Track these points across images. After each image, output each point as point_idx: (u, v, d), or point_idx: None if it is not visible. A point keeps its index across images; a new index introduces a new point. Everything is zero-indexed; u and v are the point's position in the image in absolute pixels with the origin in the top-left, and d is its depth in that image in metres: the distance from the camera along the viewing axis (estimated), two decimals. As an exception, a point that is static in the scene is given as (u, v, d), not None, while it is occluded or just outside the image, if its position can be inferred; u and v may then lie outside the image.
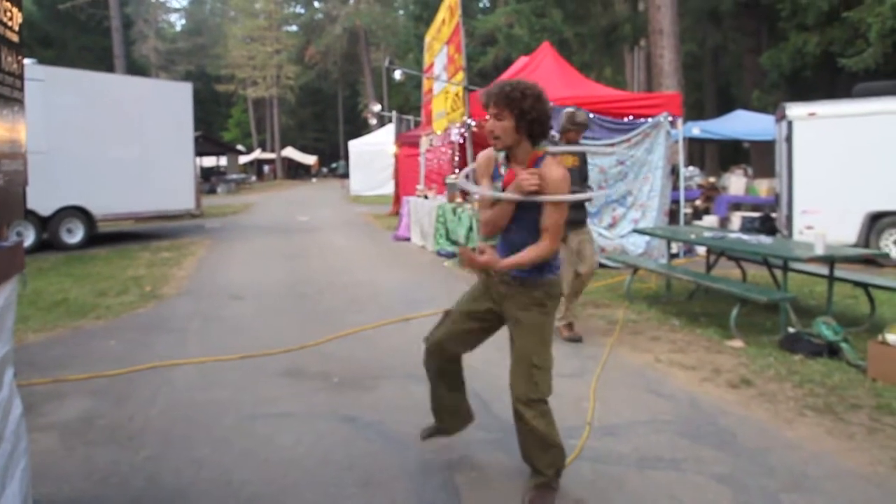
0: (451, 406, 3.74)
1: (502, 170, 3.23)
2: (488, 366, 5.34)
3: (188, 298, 8.58)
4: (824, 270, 6.56)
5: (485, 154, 3.34)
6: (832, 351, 5.46)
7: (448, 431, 3.80)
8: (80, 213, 13.96)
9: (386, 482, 3.52)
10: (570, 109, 6.46)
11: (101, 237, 15.03)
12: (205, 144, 37.33)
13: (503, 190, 3.17)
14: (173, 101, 15.94)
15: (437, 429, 3.80)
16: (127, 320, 7.40)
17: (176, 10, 68.11)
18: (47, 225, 13.54)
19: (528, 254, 3.09)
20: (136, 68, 44.42)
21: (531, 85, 3.10)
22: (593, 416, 4.31)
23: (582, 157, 6.37)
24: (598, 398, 4.65)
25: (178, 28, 67.62)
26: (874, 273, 8.58)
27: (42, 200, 13.22)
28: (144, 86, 17.01)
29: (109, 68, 29.82)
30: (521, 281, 3.21)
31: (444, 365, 3.60)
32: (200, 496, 3.42)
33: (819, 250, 5.98)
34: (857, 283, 6.77)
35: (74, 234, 13.90)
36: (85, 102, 13.89)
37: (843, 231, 10.05)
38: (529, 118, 3.05)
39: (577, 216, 6.07)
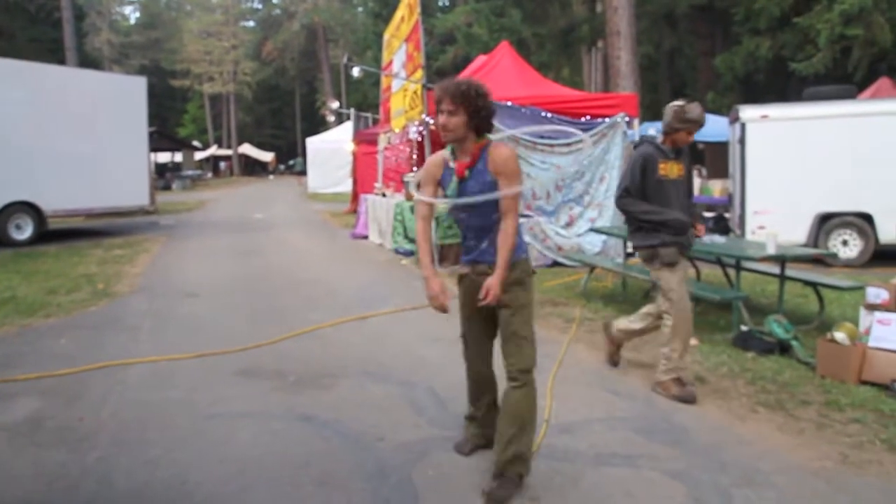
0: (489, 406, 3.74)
1: (451, 164, 3.38)
2: (445, 363, 5.36)
3: (142, 296, 8.42)
4: (776, 270, 6.70)
5: (431, 163, 3.50)
6: (783, 349, 5.58)
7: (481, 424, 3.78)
8: (29, 208, 13.60)
9: (343, 481, 3.50)
10: (678, 104, 4.78)
11: (52, 234, 14.67)
12: (160, 140, 36.67)
13: (459, 180, 3.34)
14: (127, 95, 15.63)
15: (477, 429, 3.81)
16: (78, 319, 7.23)
17: (130, 3, 66.84)
18: (-6, 221, 13.17)
19: (507, 243, 3.24)
20: (89, 61, 43.44)
21: (481, 84, 3.34)
22: (550, 414, 4.33)
23: (688, 168, 5.02)
24: (554, 396, 4.68)
25: (133, 21, 66.41)
26: (823, 272, 8.80)
27: (-11, 195, 12.90)
28: (97, 79, 16.62)
29: (61, 61, 29.10)
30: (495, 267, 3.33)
31: (486, 374, 3.70)
32: (154, 498, 3.36)
33: (771, 250, 6.11)
34: (806, 283, 6.93)
35: (23, 230, 13.53)
36: (34, 96, 13.55)
37: (793, 231, 10.28)
38: (482, 115, 3.28)
39: (685, 240, 4.88)
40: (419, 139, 11.77)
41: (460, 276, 3.61)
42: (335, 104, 32.80)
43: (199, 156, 52.37)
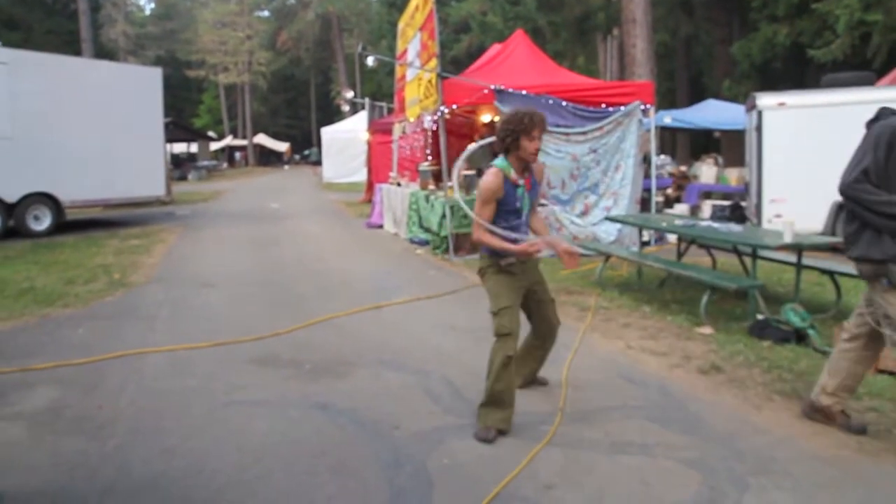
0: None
1: (517, 179, 3.97)
2: (460, 352, 5.37)
3: (158, 286, 8.48)
4: (792, 258, 6.65)
5: (494, 183, 3.95)
6: (800, 337, 5.55)
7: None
8: (48, 199, 13.72)
9: (358, 469, 3.52)
10: None
11: (69, 224, 14.81)
12: (175, 131, 36.88)
13: (527, 190, 4.04)
14: (143, 86, 15.70)
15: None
16: (95, 308, 7.30)
17: (145, -6, 66.99)
18: (13, 212, 13.29)
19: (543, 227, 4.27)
20: (105, 53, 43.68)
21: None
22: (565, 403, 4.34)
23: None
24: (569, 384, 4.68)
25: (148, 12, 66.48)
26: (840, 261, 8.69)
27: (8, 187, 13.02)
28: (113, 70, 16.70)
29: (77, 52, 29.27)
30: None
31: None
32: (171, 485, 3.39)
33: (787, 238, 6.06)
34: (823, 271, 6.88)
35: (41, 221, 13.66)
36: (52, 87, 13.63)
37: (811, 220, 10.18)
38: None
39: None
40: (434, 128, 11.75)
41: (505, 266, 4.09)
42: (350, 94, 32.84)
43: (214, 146, 52.58)
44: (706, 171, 15.80)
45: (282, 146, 60.26)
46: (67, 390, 4.72)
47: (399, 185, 13.93)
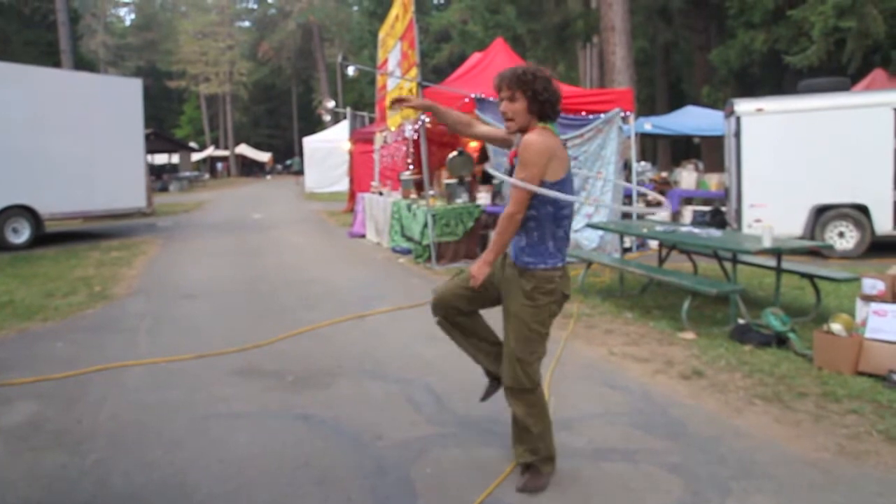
0: (483, 350, 3.62)
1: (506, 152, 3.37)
2: (442, 361, 5.36)
3: (139, 298, 8.42)
4: (772, 262, 6.70)
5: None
6: (780, 341, 5.59)
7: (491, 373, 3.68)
8: (26, 212, 13.58)
9: (341, 480, 3.50)
10: None
11: (49, 237, 14.66)
12: (156, 142, 36.66)
13: (510, 167, 3.31)
14: (123, 97, 15.61)
15: (489, 380, 3.72)
16: (75, 321, 7.23)
17: (125, 5, 66.69)
18: (-9, 225, 13.15)
19: (497, 227, 3.18)
20: (84, 64, 43.25)
21: (542, 69, 3.22)
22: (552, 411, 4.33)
23: None
24: (552, 392, 4.68)
25: (128, 23, 66.32)
26: (819, 265, 8.80)
27: (-15, 199, 12.88)
28: (93, 82, 16.58)
29: (56, 64, 28.99)
30: (517, 268, 3.23)
31: (451, 317, 3.55)
32: (153, 499, 3.36)
33: (767, 243, 6.12)
34: (803, 275, 6.94)
35: (20, 233, 13.51)
36: (30, 98, 13.53)
37: (790, 224, 10.29)
38: (541, 99, 3.14)
39: None
40: (415, 137, 11.76)
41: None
42: (331, 103, 32.76)
43: (196, 157, 52.29)
44: (686, 177, 15.90)
45: (264, 156, 60.08)
46: (46, 405, 4.66)
47: (381, 194, 13.92)
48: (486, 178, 12.02)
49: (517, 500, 3.27)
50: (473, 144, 13.01)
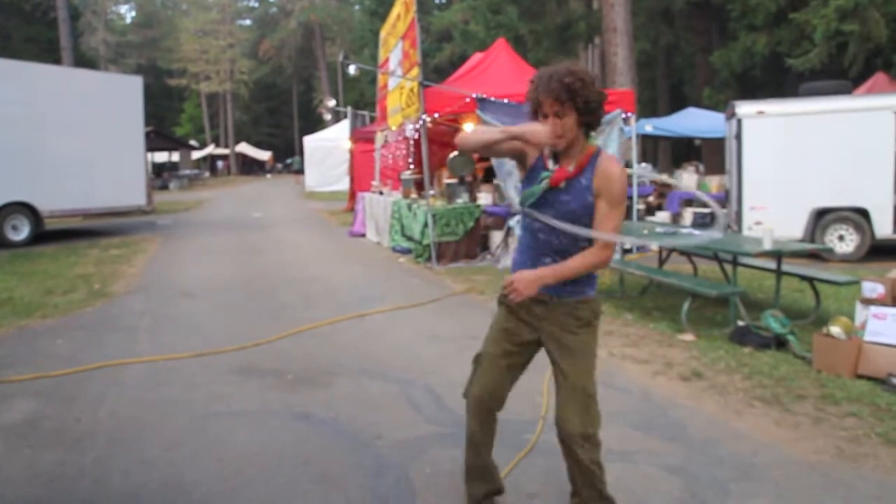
0: (482, 467, 3.09)
1: (550, 164, 2.73)
2: (442, 360, 5.36)
3: (139, 296, 8.41)
4: (772, 265, 6.70)
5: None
6: (780, 343, 5.59)
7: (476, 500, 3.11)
8: (26, 209, 13.57)
9: (340, 479, 3.50)
10: None
11: (49, 234, 14.66)
12: (156, 140, 36.61)
13: (551, 189, 2.70)
14: (123, 95, 15.60)
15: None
16: (75, 319, 7.22)
17: (126, 2, 66.65)
18: (-9, 221, 13.15)
19: (582, 260, 2.67)
20: (85, 61, 43.32)
21: (583, 70, 2.66)
22: (547, 411, 4.34)
23: None
24: (551, 392, 4.67)
25: (129, 20, 66.20)
26: (819, 267, 8.80)
27: (-16, 196, 12.87)
28: (93, 79, 16.59)
29: (56, 61, 28.98)
30: (563, 299, 2.79)
31: (485, 418, 3.00)
32: (152, 497, 3.36)
33: (767, 245, 6.12)
34: (803, 277, 6.94)
35: (20, 231, 13.50)
36: (30, 95, 13.53)
37: (790, 227, 10.28)
38: (592, 107, 2.62)
39: None
40: (416, 137, 11.76)
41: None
42: (332, 102, 32.73)
43: (196, 155, 52.30)
44: (687, 179, 15.91)
45: (264, 155, 60.10)
46: (45, 402, 4.66)
47: (381, 193, 13.93)
48: (487, 178, 12.02)
49: (516, 500, 3.27)
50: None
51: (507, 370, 2.94)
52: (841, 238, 10.54)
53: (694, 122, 17.54)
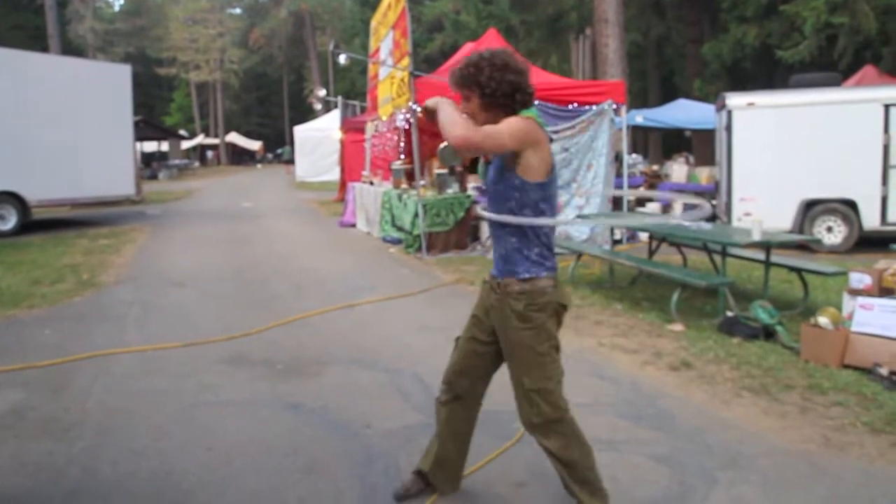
0: (448, 458, 3.16)
1: None
2: (431, 350, 5.36)
3: (128, 286, 8.38)
4: (761, 256, 6.73)
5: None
6: (768, 334, 5.62)
7: (434, 488, 3.20)
8: (13, 198, 13.46)
9: (330, 468, 3.51)
10: None
11: (36, 224, 14.55)
12: (146, 129, 36.41)
13: (486, 163, 2.94)
14: (111, 83, 15.48)
15: (412, 485, 3.21)
16: (63, 309, 7.19)
17: (114, -10, 66.01)
18: (-23, 211, 13.05)
19: (449, 114, 2.66)
20: (72, 49, 43.00)
21: (490, 54, 2.78)
22: (537, 400, 4.35)
23: None
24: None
25: (117, 8, 65.53)
26: (808, 258, 8.85)
27: (-29, 185, 12.77)
28: (81, 67, 16.43)
29: (44, 49, 28.76)
30: (501, 284, 2.81)
31: (454, 406, 3.10)
32: (140, 487, 3.35)
33: (756, 236, 6.14)
34: (791, 268, 6.98)
35: (7, 220, 13.39)
36: (17, 83, 13.40)
37: (779, 218, 10.31)
38: (492, 89, 2.70)
39: None
40: (406, 127, 11.73)
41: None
42: (322, 92, 32.63)
43: (185, 145, 52.02)
44: (677, 170, 15.95)
45: (254, 145, 59.83)
46: (33, 392, 4.64)
47: (372, 183, 13.90)
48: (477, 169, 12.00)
49: (505, 488, 3.29)
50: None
51: (477, 356, 2.99)
52: (829, 229, 10.59)
53: (684, 113, 17.57)
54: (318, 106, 36.22)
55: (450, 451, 3.14)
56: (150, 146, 46.27)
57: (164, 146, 47.23)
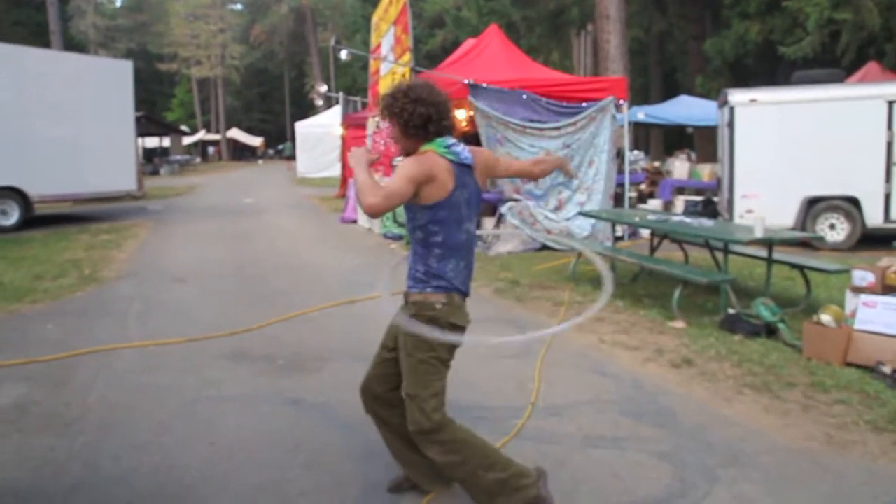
0: (410, 460, 3.18)
1: None
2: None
3: (129, 281, 8.38)
4: (763, 253, 6.72)
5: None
6: (770, 331, 5.61)
7: (419, 486, 3.24)
8: (15, 193, 13.45)
9: (331, 463, 3.51)
10: None
11: (38, 219, 14.54)
12: (147, 125, 36.31)
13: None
14: (113, 79, 15.45)
15: (404, 479, 3.27)
16: (65, 304, 7.19)
17: (116, -14, 65.96)
18: (-21, 206, 13.05)
19: (362, 179, 2.81)
20: (74, 45, 43.01)
21: (406, 87, 2.96)
22: (538, 397, 4.35)
23: None
24: (542, 379, 4.69)
25: (119, 4, 65.44)
26: (810, 256, 8.83)
27: (-27, 181, 12.77)
28: (82, 63, 16.42)
29: (45, 44, 28.74)
30: (405, 294, 3.03)
31: (379, 410, 3.18)
32: (141, 482, 3.36)
33: (758, 233, 6.13)
34: (794, 266, 6.96)
35: (9, 215, 13.39)
36: (19, 79, 13.39)
37: (781, 215, 10.30)
38: (403, 120, 2.88)
39: None
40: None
41: None
42: (324, 88, 32.61)
43: (187, 140, 51.94)
44: (679, 167, 15.92)
45: (256, 141, 59.76)
46: (35, 387, 4.64)
47: (373, 179, 13.86)
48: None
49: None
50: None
51: (384, 363, 3.11)
52: (832, 227, 10.57)
53: (686, 109, 17.53)
54: (320, 102, 36.23)
55: (403, 451, 3.18)
56: (152, 142, 46.23)
57: (166, 142, 47.18)
